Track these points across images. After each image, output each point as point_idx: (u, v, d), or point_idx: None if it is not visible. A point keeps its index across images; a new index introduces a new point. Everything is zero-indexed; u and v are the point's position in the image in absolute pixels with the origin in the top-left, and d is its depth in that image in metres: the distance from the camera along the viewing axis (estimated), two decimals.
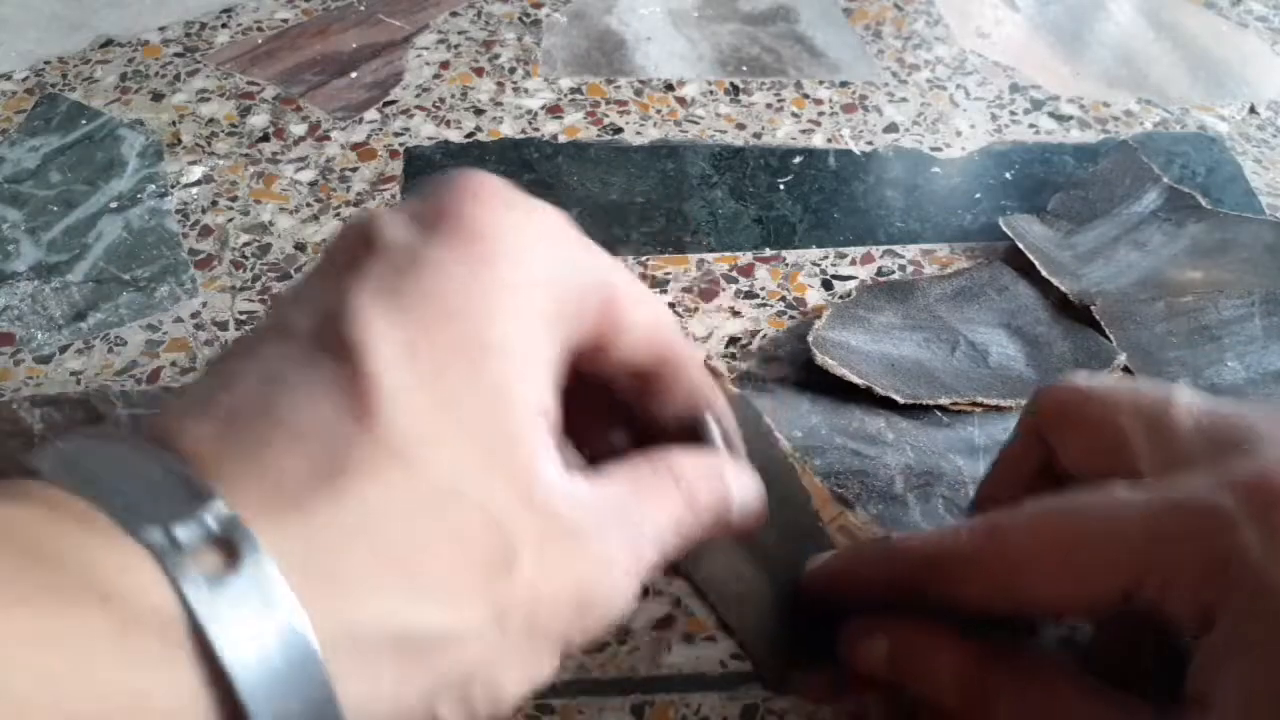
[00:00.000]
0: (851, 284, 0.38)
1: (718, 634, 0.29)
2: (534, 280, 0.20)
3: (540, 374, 0.20)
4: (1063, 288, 0.37)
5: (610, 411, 0.25)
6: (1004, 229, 0.40)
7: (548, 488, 0.19)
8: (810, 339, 0.35)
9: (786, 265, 0.39)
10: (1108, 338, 0.36)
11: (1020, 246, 0.39)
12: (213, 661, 0.15)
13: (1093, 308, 0.37)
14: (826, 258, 0.40)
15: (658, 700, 0.27)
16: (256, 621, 0.16)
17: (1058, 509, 0.23)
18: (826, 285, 0.38)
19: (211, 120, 0.45)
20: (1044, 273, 0.38)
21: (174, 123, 0.44)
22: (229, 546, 0.16)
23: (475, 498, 0.18)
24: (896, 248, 0.40)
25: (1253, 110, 0.47)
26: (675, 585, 0.30)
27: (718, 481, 0.23)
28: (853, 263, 0.39)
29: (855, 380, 0.34)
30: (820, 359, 0.34)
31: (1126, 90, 0.48)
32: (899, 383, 0.34)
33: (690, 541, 0.22)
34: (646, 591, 0.29)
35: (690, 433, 0.24)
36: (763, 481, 0.25)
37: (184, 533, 0.16)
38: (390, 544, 0.17)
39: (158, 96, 0.46)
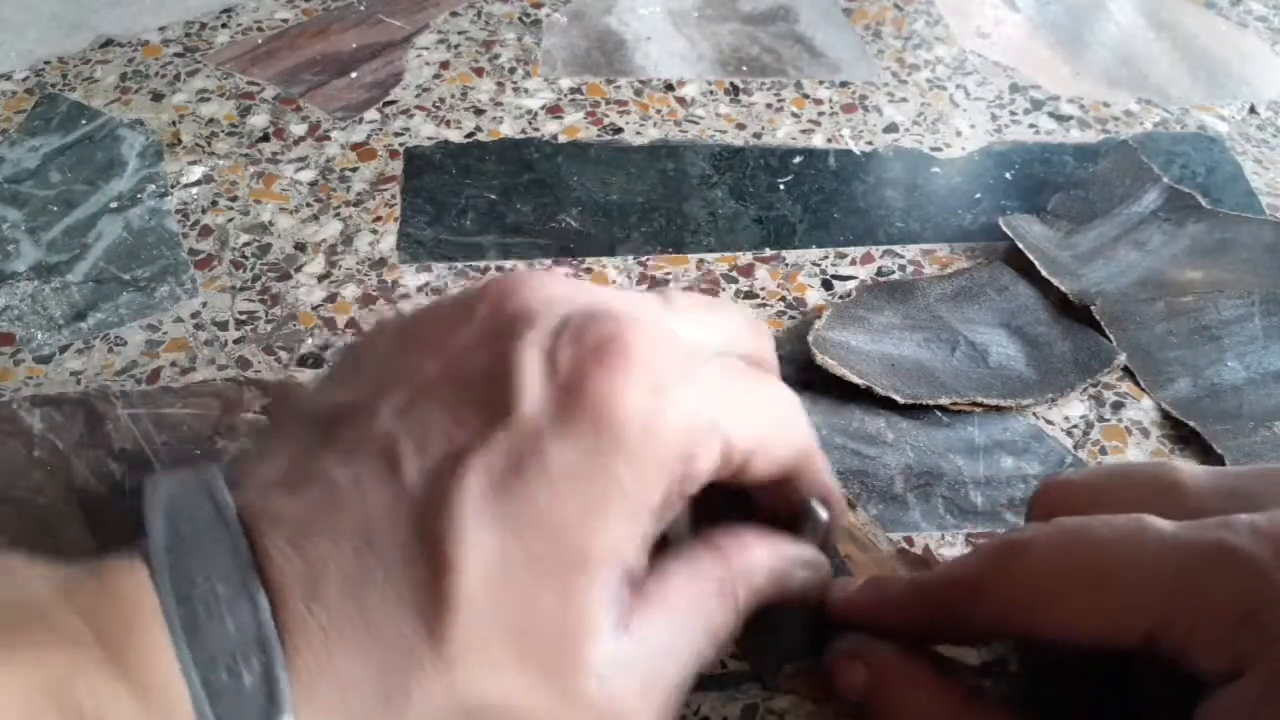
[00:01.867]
0: (851, 284, 0.38)
1: None
2: (660, 478, 0.19)
3: (637, 556, 0.20)
4: (1063, 288, 0.37)
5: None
6: (1004, 229, 0.40)
7: (593, 680, 0.19)
8: (810, 339, 0.35)
9: (786, 265, 0.39)
10: (1108, 338, 0.36)
11: (1020, 246, 0.39)
12: None
13: (1093, 308, 0.37)
14: (826, 258, 0.40)
15: None
16: None
17: (1087, 535, 0.22)
18: (826, 285, 0.38)
19: (211, 120, 0.45)
20: (1044, 273, 0.38)
21: (174, 123, 0.44)
22: None
23: (518, 713, 0.18)
24: (896, 248, 0.40)
25: (1253, 110, 0.47)
26: None
27: (783, 585, 0.24)
28: (853, 263, 0.39)
29: (855, 380, 0.34)
30: (820, 359, 0.34)
31: (1126, 90, 0.48)
32: (899, 383, 0.34)
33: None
34: None
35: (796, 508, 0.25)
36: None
37: None
38: None
39: (158, 96, 0.46)
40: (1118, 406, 0.35)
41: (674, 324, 0.22)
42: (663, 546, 0.22)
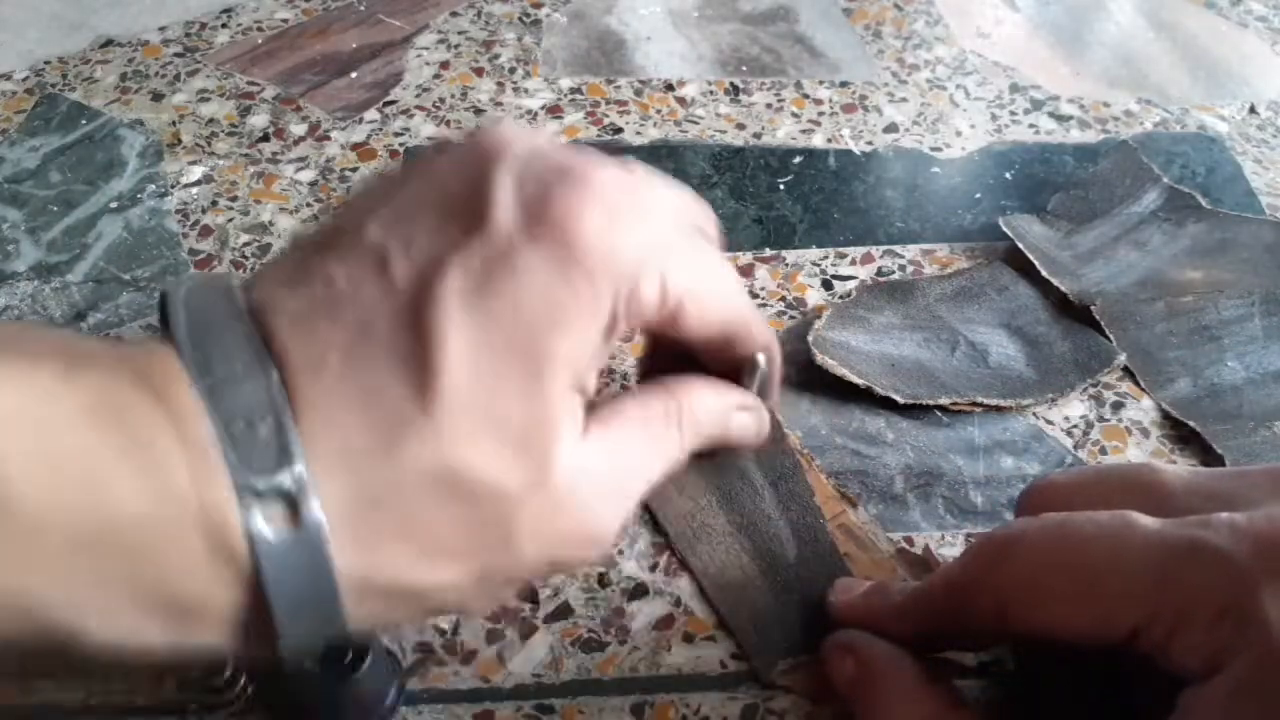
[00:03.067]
0: (851, 284, 0.38)
1: (718, 634, 0.29)
2: (609, 296, 0.22)
3: (588, 369, 0.22)
4: (1063, 288, 0.37)
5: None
6: (1004, 229, 0.40)
7: (560, 471, 0.21)
8: (810, 339, 0.35)
9: (786, 265, 0.39)
10: (1108, 338, 0.36)
11: (1020, 246, 0.39)
12: (256, 584, 0.19)
13: (1093, 308, 0.37)
14: (826, 258, 0.40)
15: (658, 700, 0.27)
16: (298, 567, 0.19)
17: (1073, 532, 0.23)
18: (826, 285, 0.38)
19: (211, 120, 0.45)
20: (1044, 273, 0.38)
21: (174, 123, 0.44)
22: (293, 504, 0.19)
23: (494, 488, 0.21)
24: (896, 248, 0.40)
25: (1253, 110, 0.47)
26: (675, 585, 0.30)
27: (723, 423, 0.26)
28: (853, 263, 0.39)
29: (855, 380, 0.34)
30: (820, 359, 0.34)
31: (1126, 90, 0.48)
32: (899, 383, 0.34)
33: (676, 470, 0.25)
34: (646, 591, 0.29)
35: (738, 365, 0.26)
36: (774, 464, 0.28)
37: (264, 484, 0.19)
38: (414, 517, 0.20)
39: (158, 96, 0.46)
40: (1118, 406, 0.35)
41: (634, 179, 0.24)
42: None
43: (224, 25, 0.50)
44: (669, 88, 0.47)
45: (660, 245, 0.23)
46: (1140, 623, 0.21)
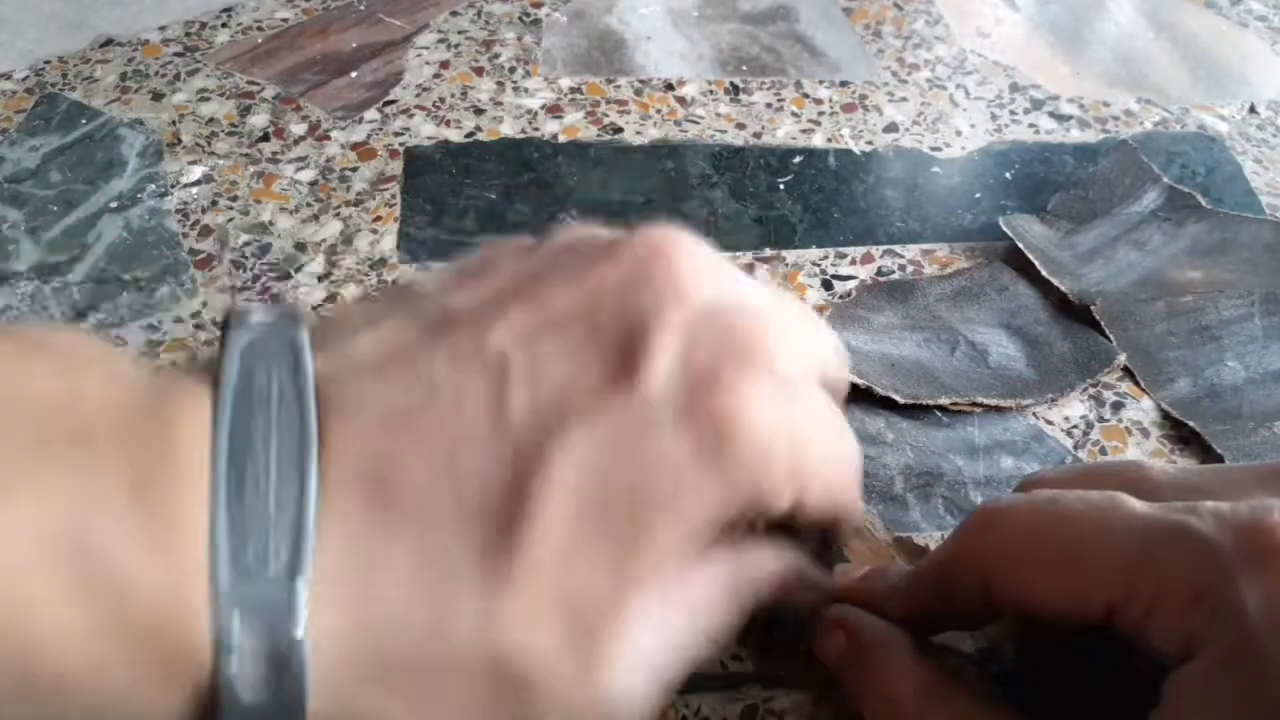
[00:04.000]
0: (851, 284, 0.38)
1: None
2: (735, 494, 0.19)
3: (671, 557, 0.20)
4: (1063, 288, 0.37)
5: None
6: (1004, 229, 0.40)
7: (612, 662, 0.19)
8: None
9: (786, 265, 0.39)
10: (1108, 338, 0.36)
11: (1020, 246, 0.39)
12: None
13: (1093, 308, 0.37)
14: (826, 258, 0.40)
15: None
16: None
17: (1060, 507, 0.23)
18: (826, 285, 0.38)
19: (211, 120, 0.45)
20: (1044, 273, 0.38)
21: (174, 122, 0.44)
22: (280, 671, 0.16)
23: (539, 679, 0.18)
24: (896, 248, 0.40)
25: (1253, 110, 0.47)
26: None
27: (780, 594, 0.24)
28: (853, 263, 0.39)
29: (855, 380, 0.34)
30: None
31: (1126, 90, 0.48)
32: (899, 383, 0.34)
33: None
34: None
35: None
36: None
37: (252, 643, 0.16)
38: (433, 694, 0.18)
39: (158, 96, 0.46)
40: (1118, 407, 0.35)
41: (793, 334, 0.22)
42: None
43: (224, 25, 0.50)
44: (669, 87, 0.47)
45: (811, 468, 0.21)
46: (1118, 601, 0.21)
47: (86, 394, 0.17)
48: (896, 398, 0.34)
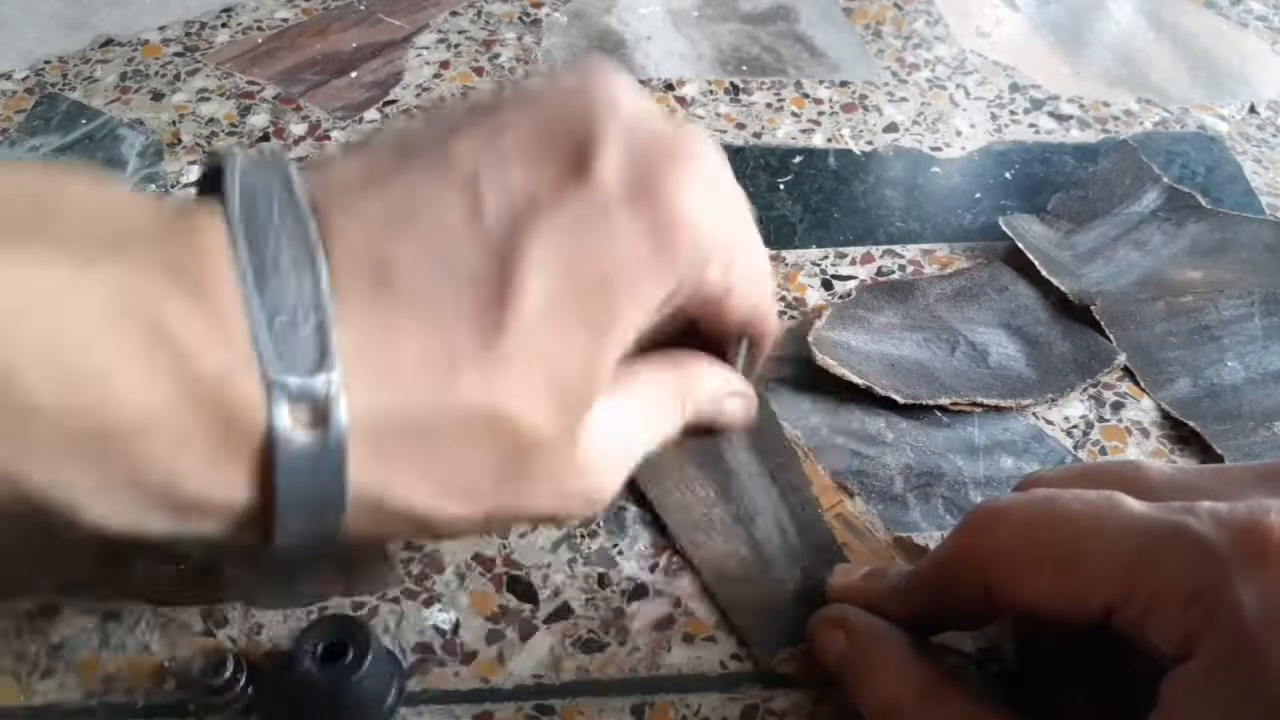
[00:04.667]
0: (851, 284, 0.38)
1: (718, 634, 0.29)
2: (684, 269, 0.22)
3: (635, 335, 0.22)
4: (1063, 288, 0.37)
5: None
6: (1004, 229, 0.40)
7: (588, 427, 0.22)
8: (810, 339, 0.35)
9: (786, 265, 0.39)
10: (1108, 338, 0.36)
11: (1020, 246, 0.39)
12: (265, 482, 0.19)
13: (1093, 308, 0.37)
14: (826, 258, 0.40)
15: (658, 700, 0.27)
16: (312, 474, 0.19)
17: (1059, 507, 0.23)
18: (826, 285, 0.38)
19: (211, 120, 0.45)
20: (1044, 273, 0.38)
21: (174, 122, 0.44)
22: (323, 411, 0.19)
23: (531, 435, 0.21)
24: (896, 248, 0.40)
25: (1253, 110, 0.47)
26: (675, 585, 0.30)
27: (717, 405, 0.27)
28: (853, 263, 0.39)
29: (855, 380, 0.34)
30: (820, 359, 0.34)
31: (1126, 90, 0.48)
32: (899, 383, 0.34)
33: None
34: (646, 591, 0.29)
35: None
36: (768, 457, 0.29)
37: (296, 384, 0.18)
38: (444, 451, 0.20)
39: (158, 96, 0.46)
40: (1118, 407, 0.35)
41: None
42: None
43: (224, 25, 0.50)
44: (669, 87, 0.47)
45: (735, 242, 0.24)
46: (1115, 600, 0.22)
47: (121, 203, 0.20)
48: (896, 398, 0.34)
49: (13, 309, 0.17)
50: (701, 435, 0.28)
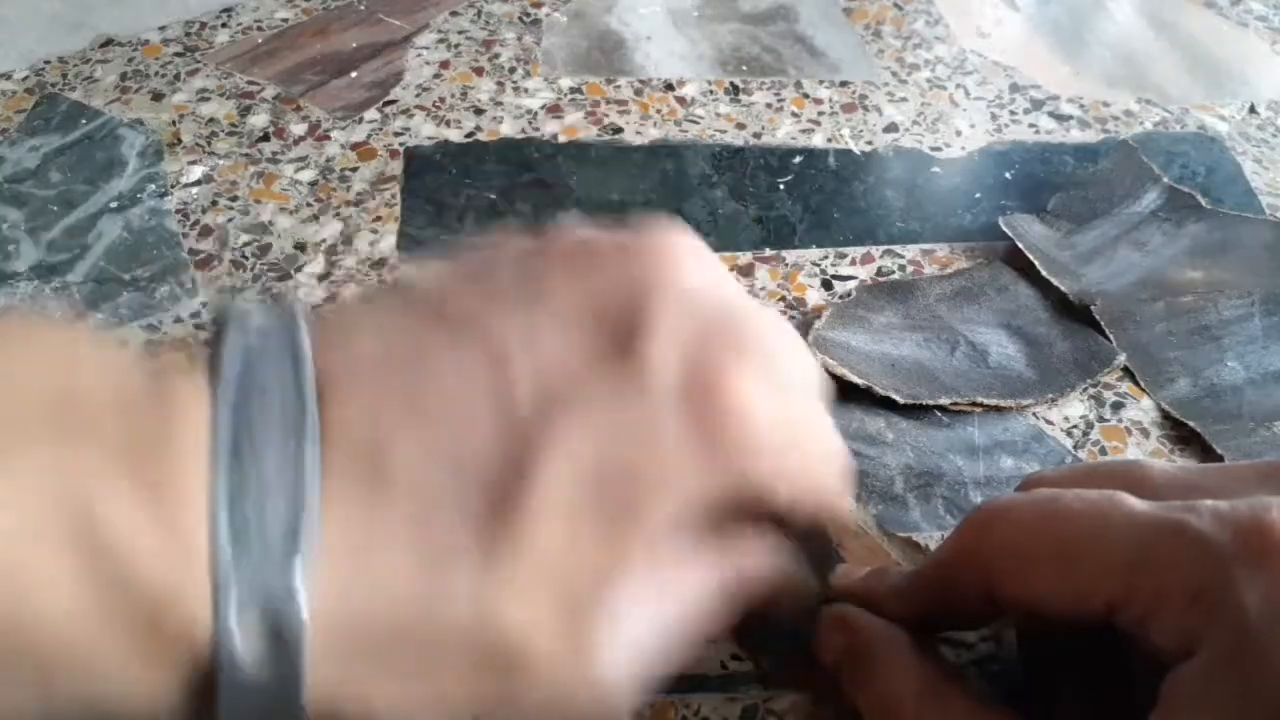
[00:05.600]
0: (851, 284, 0.38)
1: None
2: (732, 473, 0.19)
3: (667, 532, 0.20)
4: (1063, 288, 0.37)
5: None
6: (1004, 229, 0.40)
7: (602, 639, 0.19)
8: (810, 339, 0.35)
9: (786, 265, 0.39)
10: (1108, 338, 0.36)
11: (1020, 246, 0.39)
12: (205, 693, 0.16)
13: (1093, 308, 0.37)
14: (826, 258, 0.40)
15: (658, 700, 0.27)
16: (261, 690, 0.17)
17: (1060, 506, 0.23)
18: (826, 285, 0.38)
19: (211, 120, 0.45)
20: (1044, 273, 0.38)
21: (174, 122, 0.44)
22: (277, 629, 0.16)
23: (529, 655, 0.18)
24: (896, 248, 0.40)
25: (1253, 110, 0.47)
26: None
27: (773, 600, 0.24)
28: (852, 263, 0.39)
29: (855, 380, 0.34)
30: (820, 359, 0.34)
31: (1126, 90, 0.48)
32: (899, 382, 0.34)
33: None
34: None
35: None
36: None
37: (252, 592, 0.16)
38: (424, 664, 0.18)
39: (158, 96, 0.46)
40: (1118, 407, 0.35)
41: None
42: None
43: (224, 25, 0.50)
44: (669, 87, 0.47)
45: (795, 431, 0.21)
46: (1117, 599, 0.22)
47: (85, 377, 0.17)
48: (896, 398, 0.34)
49: None
50: None
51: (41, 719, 0.17)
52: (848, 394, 0.34)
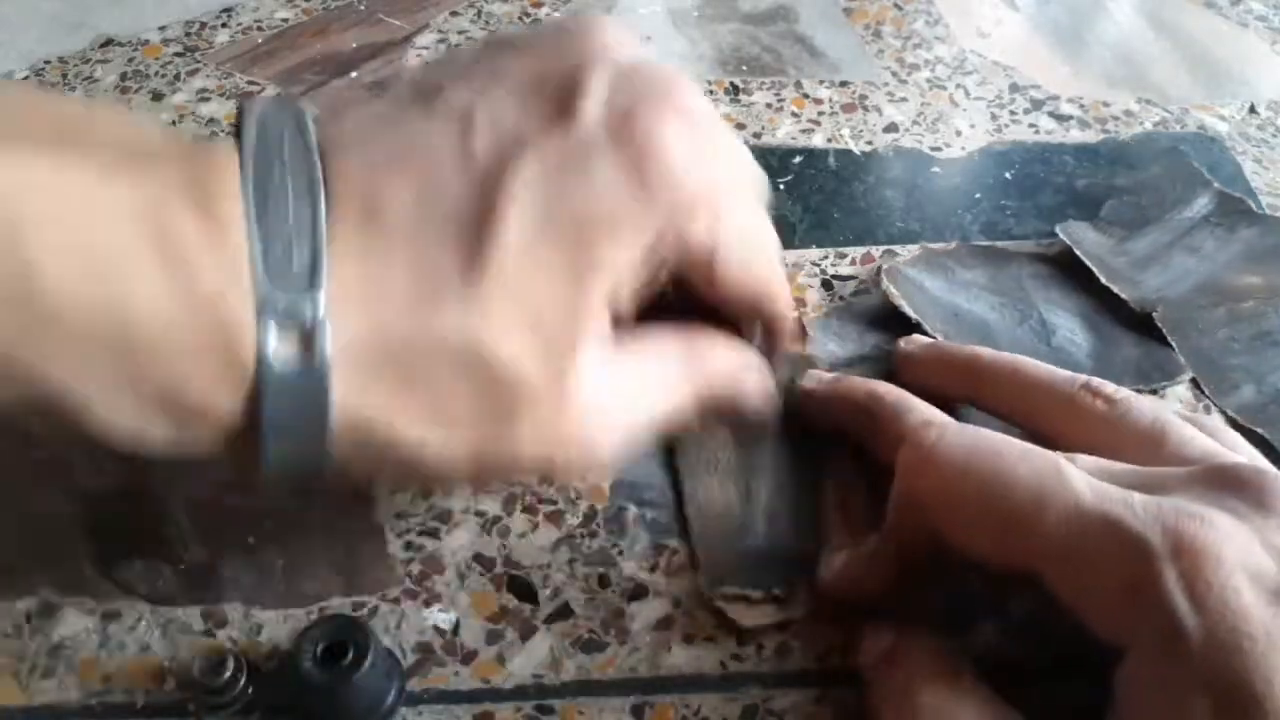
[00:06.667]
0: (851, 284, 0.38)
1: (718, 634, 0.29)
2: (663, 217, 0.22)
3: (626, 286, 0.23)
4: (1123, 294, 0.37)
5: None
6: (1061, 236, 0.39)
7: (577, 375, 0.22)
8: (885, 268, 0.36)
9: (786, 265, 0.39)
10: (1169, 346, 0.36)
11: (1078, 254, 0.38)
12: (254, 400, 0.20)
13: (1154, 314, 0.36)
14: (826, 258, 0.40)
15: (658, 701, 0.27)
16: (297, 394, 0.20)
17: (1006, 467, 0.23)
18: (826, 285, 0.38)
19: (211, 120, 0.45)
20: (1103, 279, 0.37)
21: (174, 122, 0.44)
22: (309, 332, 0.20)
23: (513, 374, 0.21)
24: (896, 248, 0.40)
25: (1253, 110, 0.47)
26: (675, 586, 0.30)
27: (733, 384, 0.27)
28: (852, 263, 0.39)
29: (909, 313, 0.35)
30: (885, 285, 0.36)
31: (1126, 90, 0.48)
32: (953, 331, 0.35)
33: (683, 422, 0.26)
34: (646, 591, 0.29)
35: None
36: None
37: (285, 305, 0.20)
38: (426, 379, 0.21)
39: (158, 96, 0.46)
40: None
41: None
42: None
43: (224, 25, 0.50)
44: None
45: (723, 190, 0.24)
46: (1050, 579, 0.22)
47: (146, 130, 0.22)
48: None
49: (34, 210, 0.18)
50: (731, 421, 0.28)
51: (137, 429, 0.20)
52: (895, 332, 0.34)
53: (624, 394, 0.24)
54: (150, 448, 0.20)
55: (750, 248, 0.25)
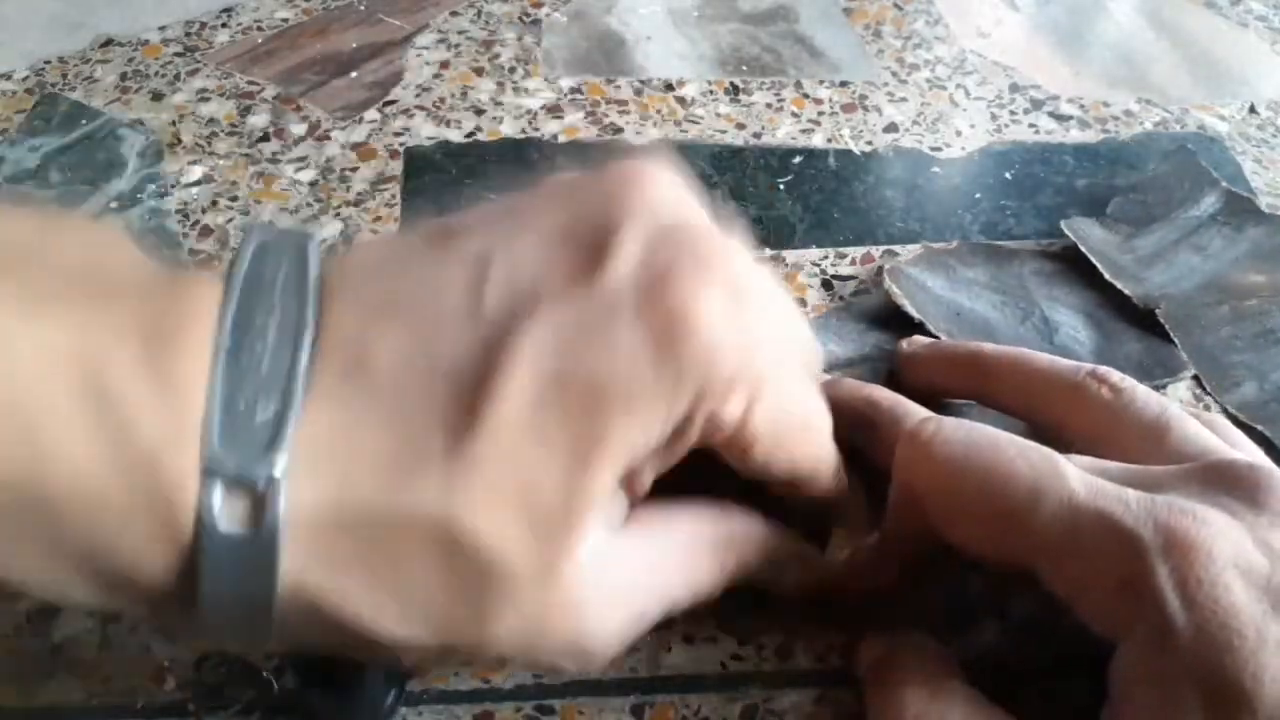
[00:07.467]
0: (851, 284, 0.38)
1: (718, 634, 0.29)
2: (690, 397, 0.20)
3: (643, 465, 0.21)
4: (1126, 290, 0.37)
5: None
6: (1066, 231, 0.39)
7: (573, 566, 0.20)
8: (887, 267, 0.36)
9: (786, 265, 0.39)
10: (1172, 342, 0.36)
11: (1083, 250, 0.38)
12: (191, 570, 0.18)
13: (1157, 311, 0.36)
14: (826, 258, 0.40)
15: (658, 701, 0.27)
16: (240, 568, 0.18)
17: (1003, 462, 0.23)
18: (826, 285, 0.38)
19: (211, 120, 0.45)
20: (1107, 276, 0.38)
21: (174, 122, 0.44)
22: (260, 501, 0.18)
23: (495, 563, 0.19)
24: (896, 248, 0.40)
25: (1253, 110, 0.47)
26: None
27: (773, 572, 0.25)
28: (852, 263, 0.39)
29: (911, 313, 0.35)
30: (888, 284, 0.36)
31: (1126, 90, 0.48)
32: (955, 329, 0.35)
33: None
34: None
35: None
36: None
37: (236, 470, 0.17)
38: (392, 560, 0.19)
39: (158, 96, 0.46)
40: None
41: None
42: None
43: (224, 25, 0.50)
44: (669, 87, 0.47)
45: (765, 370, 0.21)
46: (1044, 574, 0.22)
47: (113, 261, 0.19)
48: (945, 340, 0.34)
49: None
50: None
51: (57, 592, 0.18)
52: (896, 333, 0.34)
53: (637, 581, 0.22)
54: (76, 606, 0.19)
55: (790, 430, 0.22)
